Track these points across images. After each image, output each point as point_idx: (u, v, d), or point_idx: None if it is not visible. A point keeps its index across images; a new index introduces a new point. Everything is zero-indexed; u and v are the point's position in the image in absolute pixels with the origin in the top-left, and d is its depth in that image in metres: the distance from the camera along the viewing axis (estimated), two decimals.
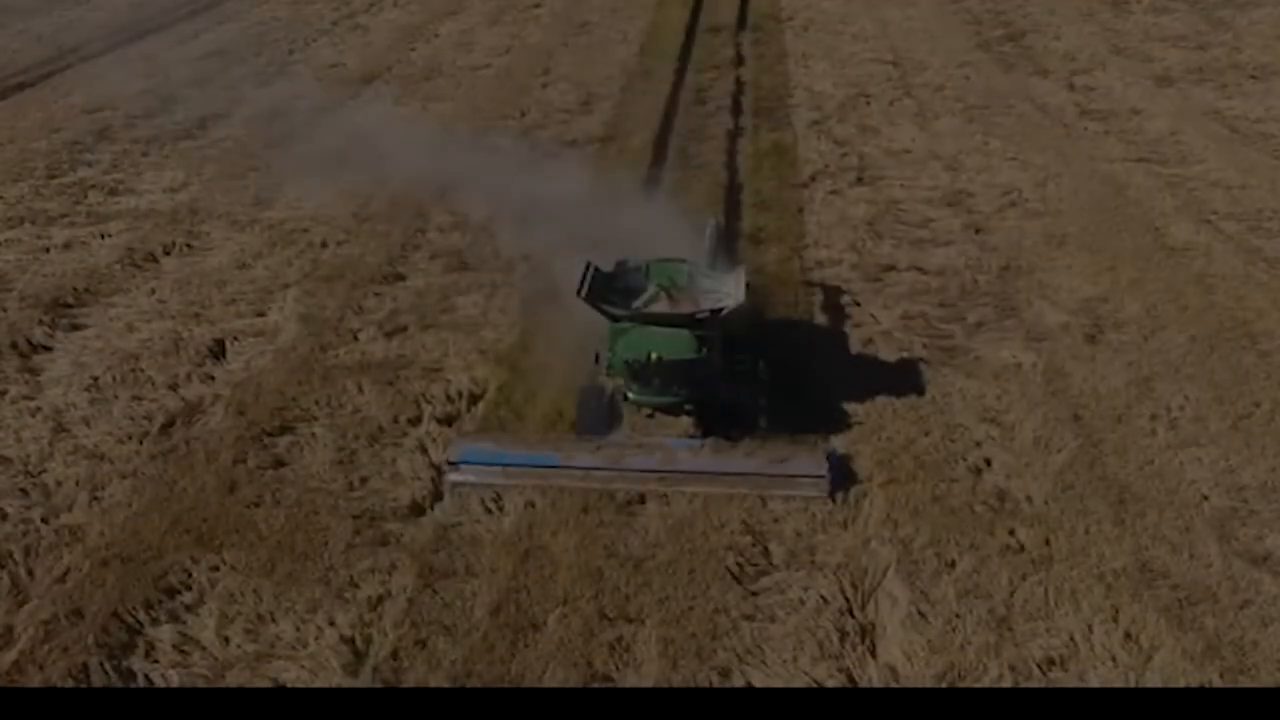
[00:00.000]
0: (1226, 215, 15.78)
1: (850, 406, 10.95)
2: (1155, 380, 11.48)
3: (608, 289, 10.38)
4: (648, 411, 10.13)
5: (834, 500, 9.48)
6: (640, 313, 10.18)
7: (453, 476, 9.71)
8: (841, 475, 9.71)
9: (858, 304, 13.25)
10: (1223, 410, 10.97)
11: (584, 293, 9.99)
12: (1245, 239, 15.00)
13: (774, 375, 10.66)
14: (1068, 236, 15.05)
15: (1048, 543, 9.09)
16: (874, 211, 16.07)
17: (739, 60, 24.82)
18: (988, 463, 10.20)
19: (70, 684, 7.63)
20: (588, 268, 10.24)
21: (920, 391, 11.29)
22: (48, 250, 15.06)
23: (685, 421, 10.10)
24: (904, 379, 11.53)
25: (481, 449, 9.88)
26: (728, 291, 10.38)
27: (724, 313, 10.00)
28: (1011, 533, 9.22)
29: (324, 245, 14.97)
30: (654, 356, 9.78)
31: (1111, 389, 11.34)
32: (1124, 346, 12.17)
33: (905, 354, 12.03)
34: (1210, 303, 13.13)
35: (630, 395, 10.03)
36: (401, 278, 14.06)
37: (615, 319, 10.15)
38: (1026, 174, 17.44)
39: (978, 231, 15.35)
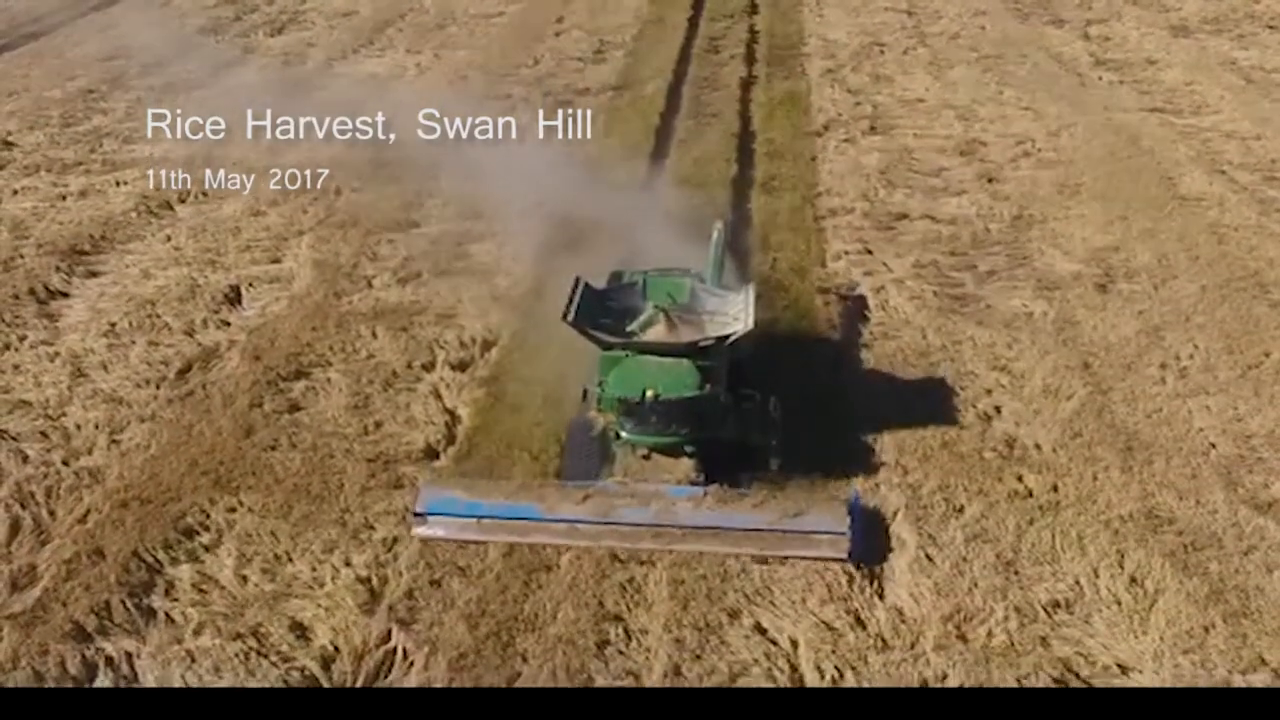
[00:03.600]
0: (1240, 165, 15.77)
1: (860, 354, 11.03)
2: (1165, 329, 11.53)
3: (599, 309, 9.26)
4: (643, 451, 8.86)
5: (857, 566, 8.28)
6: (635, 342, 9.04)
7: (419, 530, 8.61)
8: (867, 531, 8.55)
9: (870, 252, 13.27)
10: (1232, 359, 11.01)
11: (571, 315, 8.90)
12: (1258, 189, 15.00)
13: (786, 330, 10.63)
14: (1080, 186, 15.07)
15: (1055, 489, 9.17)
16: (887, 160, 16.07)
17: (753, 8, 24.71)
18: (997, 410, 10.26)
19: (93, 621, 7.78)
20: (577, 284, 9.19)
21: (930, 339, 11.34)
22: (64, 198, 15.15)
23: (686, 464, 8.83)
24: (915, 327, 11.58)
25: (452, 498, 8.69)
26: (734, 314, 9.18)
27: (730, 340, 8.91)
28: (1020, 479, 9.29)
29: (338, 192, 15.00)
30: (650, 394, 8.60)
31: (1122, 338, 11.39)
32: (1135, 296, 12.21)
33: (917, 302, 12.07)
34: (1222, 253, 13.15)
35: (624, 434, 8.80)
36: (415, 225, 14.11)
37: (607, 346, 9.02)
38: (1040, 123, 17.42)
39: (990, 181, 15.37)
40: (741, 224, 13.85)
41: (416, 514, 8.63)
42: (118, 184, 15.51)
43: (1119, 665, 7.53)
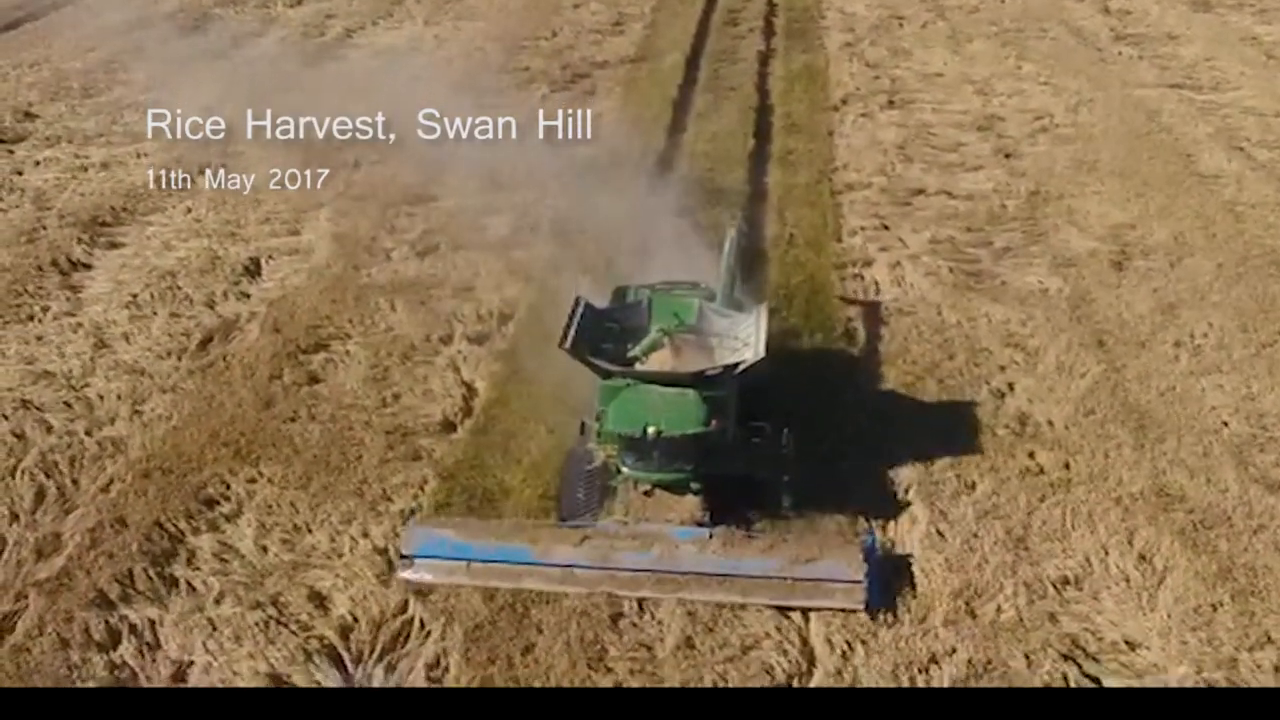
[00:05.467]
0: (1259, 143, 15.72)
1: (876, 329, 11.07)
2: (1180, 307, 11.54)
3: (600, 332, 8.72)
4: (645, 488, 8.33)
5: (873, 616, 7.76)
6: (637, 371, 8.49)
7: (405, 574, 8.09)
8: (883, 578, 7.99)
9: (886, 227, 13.30)
10: (1246, 338, 11.02)
11: (569, 341, 8.31)
12: (1277, 167, 14.94)
13: (800, 306, 10.62)
14: (1098, 162, 15.05)
15: (1067, 466, 9.22)
16: (904, 135, 16.08)
17: None
18: (1010, 386, 10.30)
19: (117, 589, 7.91)
20: (576, 305, 8.62)
21: (946, 315, 11.38)
22: (85, 169, 15.27)
23: (691, 502, 8.30)
24: (930, 303, 11.62)
25: (441, 540, 8.14)
26: (745, 338, 8.64)
27: (739, 369, 8.33)
28: (1031, 456, 9.34)
29: (356, 165, 15.04)
30: (652, 430, 7.99)
31: (1136, 315, 11.40)
32: (1150, 273, 12.22)
33: (932, 278, 12.10)
34: (1239, 230, 13.14)
35: (624, 469, 8.26)
36: (433, 198, 14.14)
37: (607, 375, 8.44)
38: (1058, 99, 17.40)
39: (1008, 156, 15.38)
40: (758, 198, 13.90)
41: (403, 556, 8.17)
42: (138, 155, 15.60)
43: (1127, 641, 7.61)
